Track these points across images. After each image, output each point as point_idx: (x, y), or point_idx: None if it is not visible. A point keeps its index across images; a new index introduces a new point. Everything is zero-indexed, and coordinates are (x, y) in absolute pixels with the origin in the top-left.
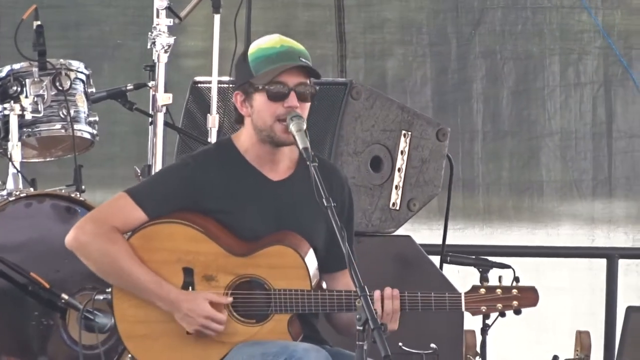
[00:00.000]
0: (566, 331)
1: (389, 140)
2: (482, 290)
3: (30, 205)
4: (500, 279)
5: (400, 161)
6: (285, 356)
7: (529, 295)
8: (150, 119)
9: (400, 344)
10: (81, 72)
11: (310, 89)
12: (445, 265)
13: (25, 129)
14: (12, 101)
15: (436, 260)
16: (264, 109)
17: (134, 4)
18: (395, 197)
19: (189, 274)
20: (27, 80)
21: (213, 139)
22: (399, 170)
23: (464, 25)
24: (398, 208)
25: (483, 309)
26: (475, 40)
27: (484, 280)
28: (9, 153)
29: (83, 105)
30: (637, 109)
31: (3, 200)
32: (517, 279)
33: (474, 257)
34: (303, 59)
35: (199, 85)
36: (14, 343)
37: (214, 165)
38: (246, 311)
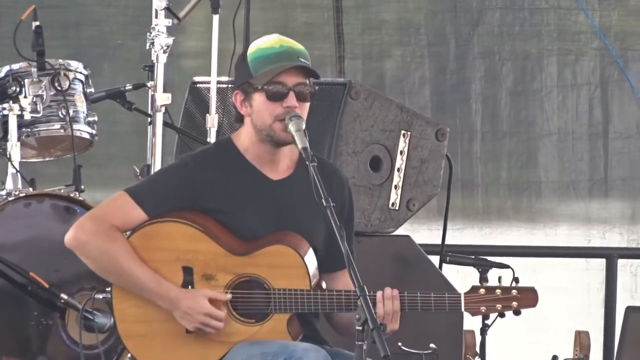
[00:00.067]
0: (566, 331)
1: (388, 140)
2: (482, 291)
3: (30, 205)
4: (500, 280)
5: (400, 161)
6: (285, 356)
7: (529, 295)
8: (149, 119)
9: (399, 344)
10: (80, 73)
11: (310, 88)
12: (444, 265)
13: (24, 129)
14: (11, 101)
15: (435, 260)
16: (263, 108)
17: (134, 4)
18: (395, 197)
19: (188, 273)
20: (26, 80)
21: (212, 139)
22: (398, 170)
23: (462, 26)
24: (397, 208)
25: (482, 309)
26: (474, 41)
27: (483, 280)
28: (8, 153)
29: (82, 106)
30: (633, 110)
31: (2, 200)
32: (517, 280)
33: (474, 257)
34: (302, 59)
35: (198, 85)
36: (14, 343)
37: (214, 164)
38: (245, 311)
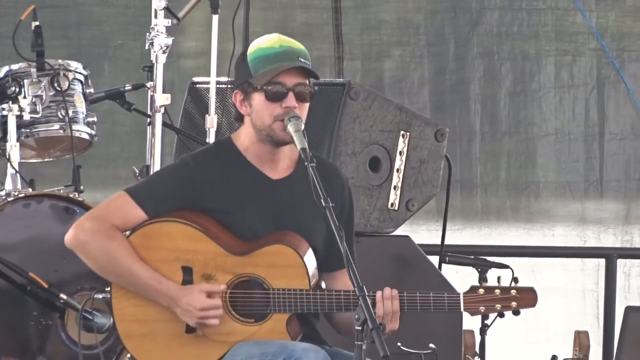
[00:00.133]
0: (566, 331)
1: (388, 141)
2: (481, 291)
3: (29, 205)
4: (499, 280)
5: (399, 161)
6: (284, 356)
7: (528, 295)
8: (148, 120)
9: (399, 344)
10: (79, 73)
11: (309, 89)
12: (443, 265)
13: (23, 130)
14: (11, 102)
15: (435, 260)
16: (262, 108)
17: (134, 4)
18: (394, 198)
19: (188, 272)
20: (26, 80)
21: (211, 139)
22: (398, 170)
23: (461, 26)
24: (397, 208)
25: (482, 309)
26: (473, 41)
27: (482, 280)
28: (7, 153)
29: (81, 106)
30: (629, 112)
31: (2, 200)
32: (516, 280)
33: (473, 257)
34: (302, 59)
35: (197, 85)
36: (13, 343)
37: (214, 164)
38: (245, 310)
